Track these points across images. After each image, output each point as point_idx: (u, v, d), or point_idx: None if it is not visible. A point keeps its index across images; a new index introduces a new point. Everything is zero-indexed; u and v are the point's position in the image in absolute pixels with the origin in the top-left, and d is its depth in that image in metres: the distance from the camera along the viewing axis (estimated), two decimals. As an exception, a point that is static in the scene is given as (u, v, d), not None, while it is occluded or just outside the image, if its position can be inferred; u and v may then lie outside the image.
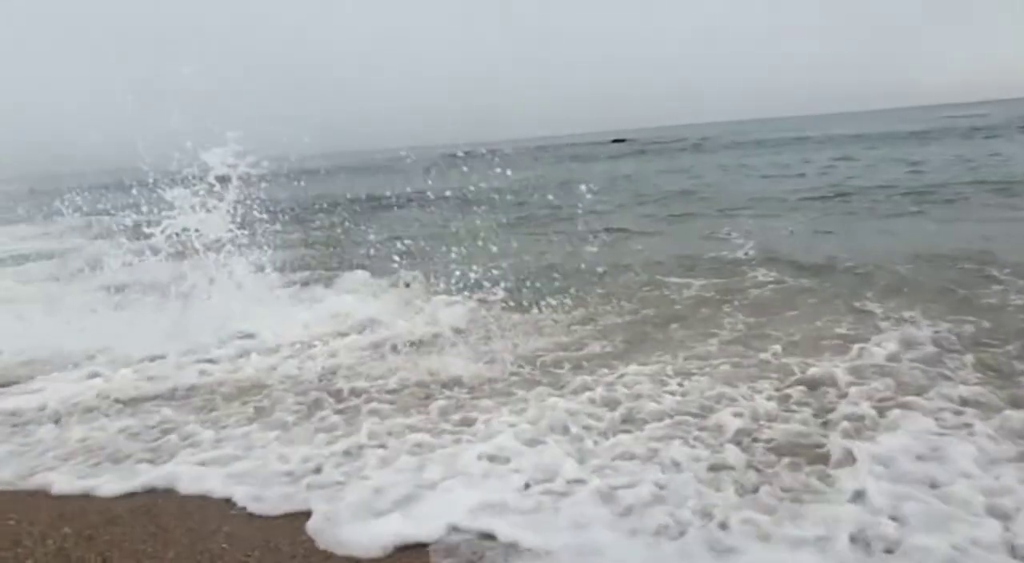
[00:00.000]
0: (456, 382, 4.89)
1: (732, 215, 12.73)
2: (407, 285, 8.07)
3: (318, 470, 3.69)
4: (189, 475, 3.71)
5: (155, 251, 11.13)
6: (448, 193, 23.22)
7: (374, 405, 4.57)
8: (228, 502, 3.45)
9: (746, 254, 8.88)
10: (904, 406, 3.95)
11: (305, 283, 8.70)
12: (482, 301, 7.05)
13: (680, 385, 4.51)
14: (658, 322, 6.09)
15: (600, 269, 8.39)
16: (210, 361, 5.76)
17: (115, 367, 5.68)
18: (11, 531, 3.25)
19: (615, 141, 65.68)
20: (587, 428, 3.98)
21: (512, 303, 6.93)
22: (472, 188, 26.11)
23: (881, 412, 3.90)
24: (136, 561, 2.96)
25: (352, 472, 3.64)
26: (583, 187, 21.90)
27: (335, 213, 19.29)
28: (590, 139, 79.09)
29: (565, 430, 3.96)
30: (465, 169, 11.54)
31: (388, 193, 25.27)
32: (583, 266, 8.68)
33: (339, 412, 4.54)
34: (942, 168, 18.37)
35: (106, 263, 10.77)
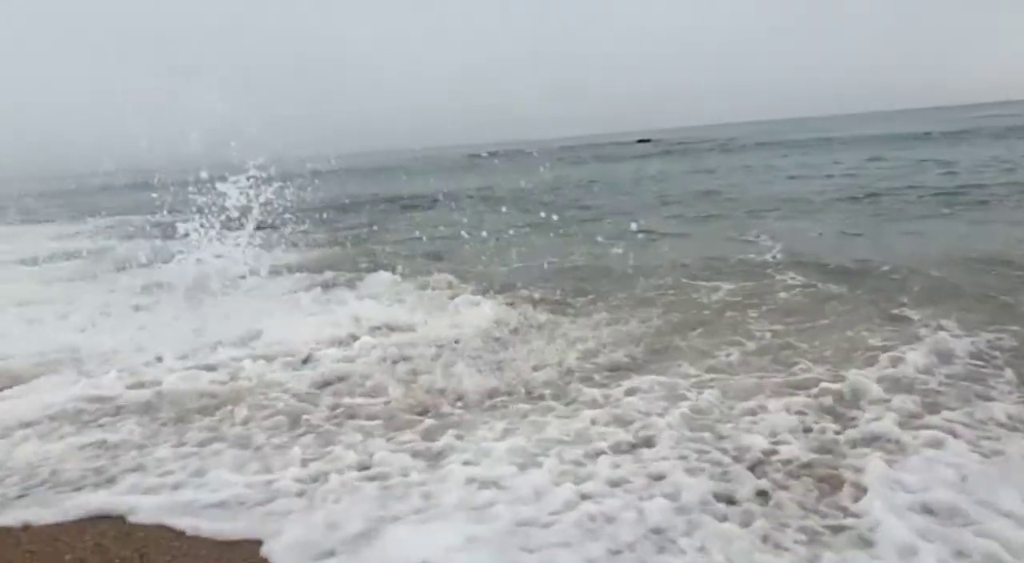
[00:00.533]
0: (459, 396, 4.63)
1: (759, 217, 12.55)
2: (432, 289, 7.93)
3: (276, 497, 3.38)
4: (140, 501, 3.40)
5: (181, 252, 11.27)
6: (472, 193, 23.35)
7: (359, 422, 4.28)
8: (179, 531, 3.20)
9: (774, 257, 8.71)
10: (936, 427, 3.67)
11: (329, 285, 8.59)
12: (506, 304, 6.96)
13: (696, 400, 4.24)
14: (681, 328, 5.90)
15: (626, 271, 8.30)
16: (206, 367, 5.47)
17: (104, 371, 5.42)
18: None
19: (640, 141, 65.35)
20: (588, 452, 3.63)
21: (535, 306, 6.85)
22: (496, 188, 26.34)
23: (910, 433, 3.63)
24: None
25: (312, 501, 3.32)
26: (608, 188, 21.89)
27: (360, 213, 19.41)
28: (615, 139, 78.74)
29: (561, 454, 3.61)
30: (489, 169, 11.49)
31: (412, 193, 25.43)
32: (609, 268, 8.60)
33: (317, 431, 4.19)
34: (975, 169, 17.98)
35: (132, 264, 10.90)
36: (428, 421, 4.26)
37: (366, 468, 3.65)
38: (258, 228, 16.63)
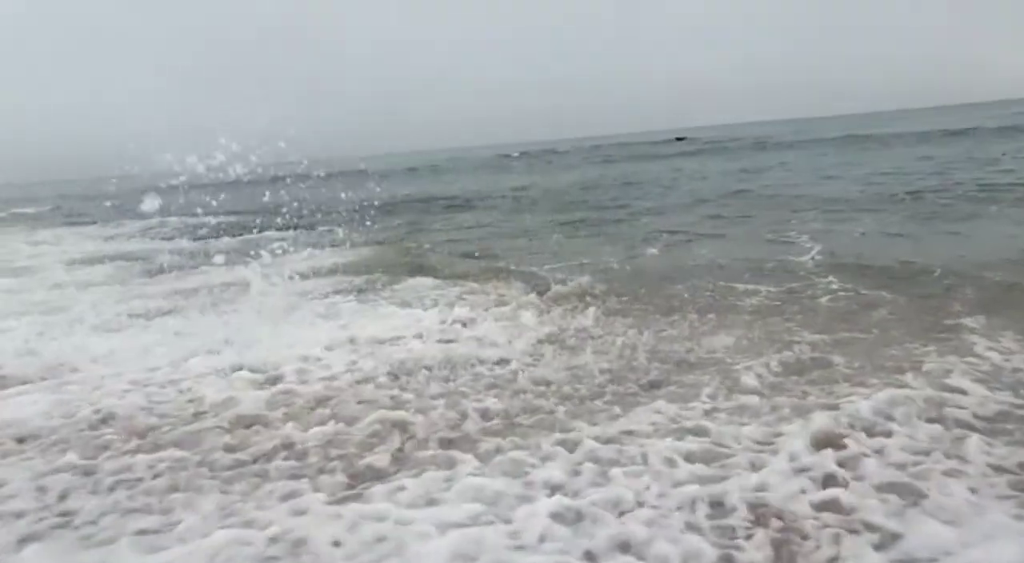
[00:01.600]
0: (449, 424, 4.09)
1: (798, 216, 12.23)
2: (463, 296, 7.71)
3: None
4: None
5: (219, 253, 11.38)
6: (505, 194, 23.30)
7: (331, 464, 3.60)
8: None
9: (813, 259, 8.45)
10: (992, 484, 3.01)
11: (361, 289, 8.49)
12: (537, 310, 6.80)
13: (710, 431, 3.74)
14: (712, 337, 5.56)
15: (662, 273, 8.15)
16: (177, 384, 5.03)
17: (74, 383, 5.14)
18: None
19: (677, 139, 64.75)
20: (570, 508, 3.01)
21: (564, 312, 6.66)
22: (529, 188, 26.35)
23: (952, 486, 3.00)
24: None
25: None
26: (643, 187, 21.65)
27: (396, 214, 19.46)
28: (651, 138, 78.10)
29: (533, 506, 3.03)
30: (520, 169, 11.45)
31: (445, 194, 25.49)
32: (644, 270, 8.45)
33: (266, 476, 3.48)
34: (1025, 165, 17.41)
35: (165, 268, 11.05)
36: (401, 458, 3.66)
37: (309, 530, 2.94)
38: (292, 228, 16.85)
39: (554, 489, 3.19)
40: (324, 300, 7.87)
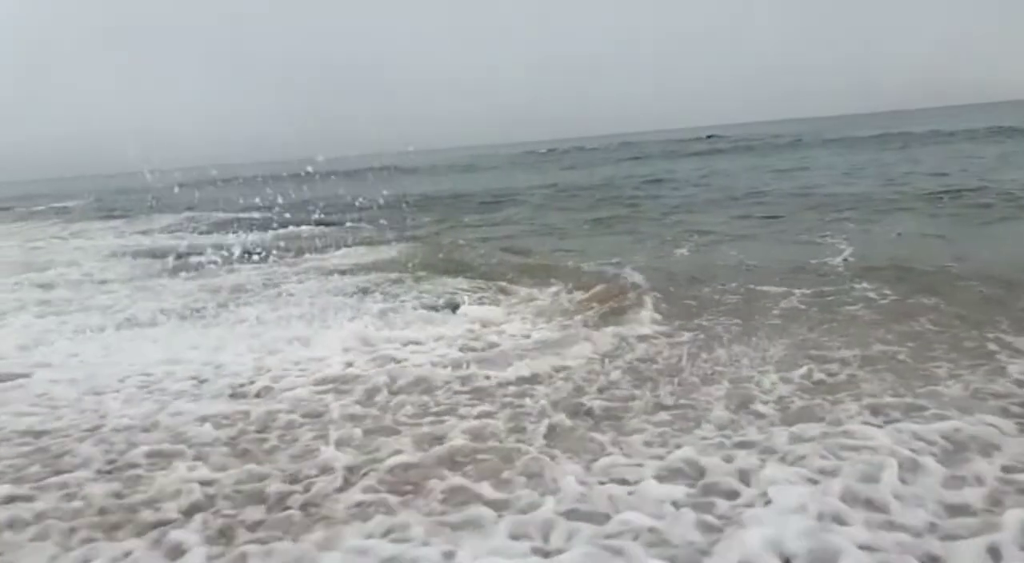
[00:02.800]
0: (441, 459, 3.57)
1: (831, 217, 11.95)
2: (474, 302, 7.35)
3: None
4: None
5: (246, 255, 11.45)
6: (534, 191, 23.21)
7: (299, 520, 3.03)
8: None
9: (846, 261, 8.20)
10: None
11: (391, 288, 8.33)
12: (565, 313, 6.67)
13: (715, 469, 3.28)
14: (734, 347, 5.28)
15: (690, 274, 8.01)
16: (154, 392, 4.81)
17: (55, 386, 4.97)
18: None
19: (708, 137, 64.07)
20: None
21: (591, 316, 6.51)
22: (559, 185, 26.25)
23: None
24: None
25: None
26: (673, 185, 21.41)
27: (429, 211, 19.48)
28: (681, 135, 77.41)
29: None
30: (549, 167, 11.37)
31: (475, 190, 25.44)
32: (672, 271, 8.30)
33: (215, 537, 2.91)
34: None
35: (189, 266, 11.10)
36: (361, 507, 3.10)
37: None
38: (322, 224, 16.95)
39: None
40: (351, 299, 7.80)
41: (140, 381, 5.09)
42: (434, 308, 7.19)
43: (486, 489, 3.21)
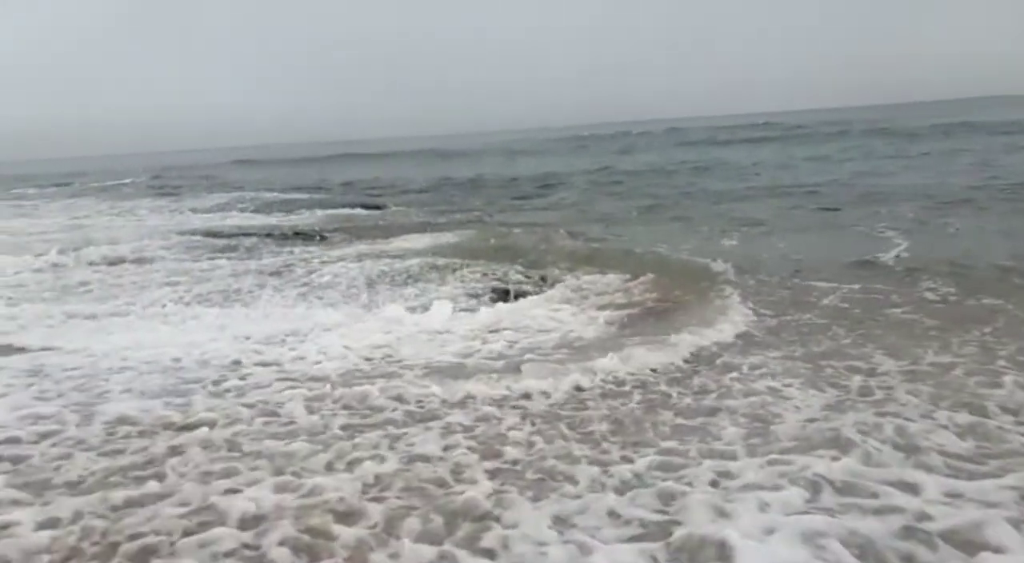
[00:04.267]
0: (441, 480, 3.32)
1: (884, 210, 11.62)
2: (514, 295, 7.19)
3: None
4: None
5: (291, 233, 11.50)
6: (580, 177, 23.03)
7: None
8: None
9: (898, 257, 7.95)
10: None
11: (436, 274, 8.29)
12: (599, 307, 6.47)
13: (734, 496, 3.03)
14: (779, 346, 5.06)
15: (737, 265, 7.84)
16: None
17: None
18: None
19: (757, 124, 62.84)
20: None
21: (627, 309, 6.35)
22: (605, 171, 25.99)
23: None
24: None
25: None
26: (721, 173, 21.03)
27: (475, 194, 19.45)
28: (730, 122, 76.01)
29: None
30: (593, 151, 11.24)
31: (521, 175, 25.32)
32: (717, 262, 8.16)
33: None
34: None
35: (230, 246, 11.22)
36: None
37: None
38: (367, 207, 17.09)
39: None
40: (392, 285, 7.78)
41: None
42: (479, 296, 7.13)
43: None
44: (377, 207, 17.01)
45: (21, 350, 5.68)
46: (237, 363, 5.15)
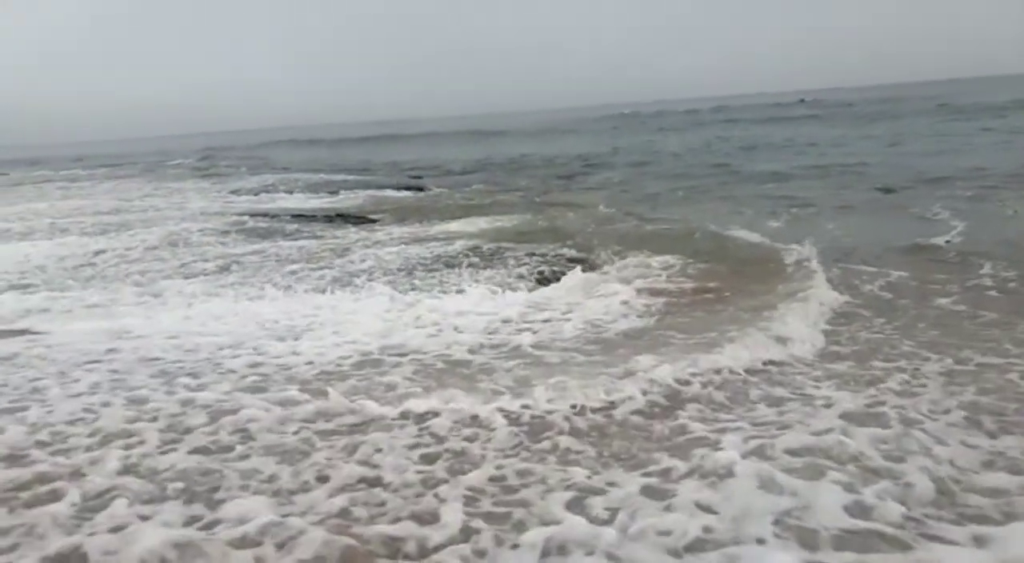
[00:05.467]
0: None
1: (935, 191, 11.30)
2: (551, 278, 7.04)
3: None
4: None
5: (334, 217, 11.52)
6: (622, 156, 22.87)
7: None
8: None
9: (950, 241, 7.67)
10: None
11: (485, 259, 8.09)
12: (643, 291, 6.27)
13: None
14: (802, 346, 4.69)
15: (782, 249, 7.71)
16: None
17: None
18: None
19: (800, 101, 61.48)
20: None
21: (673, 297, 6.13)
22: (646, 150, 25.72)
23: None
24: None
25: None
26: (766, 152, 20.68)
27: (518, 175, 19.39)
28: (771, 99, 74.41)
29: None
30: (634, 131, 11.03)
31: (564, 154, 25.24)
32: (764, 246, 8.06)
33: None
34: None
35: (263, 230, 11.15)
36: None
37: None
38: (411, 188, 17.23)
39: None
40: (434, 271, 7.64)
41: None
42: (516, 282, 7.00)
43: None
44: (420, 188, 17.12)
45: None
46: (222, 350, 5.05)
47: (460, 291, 6.56)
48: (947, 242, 7.69)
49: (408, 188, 17.19)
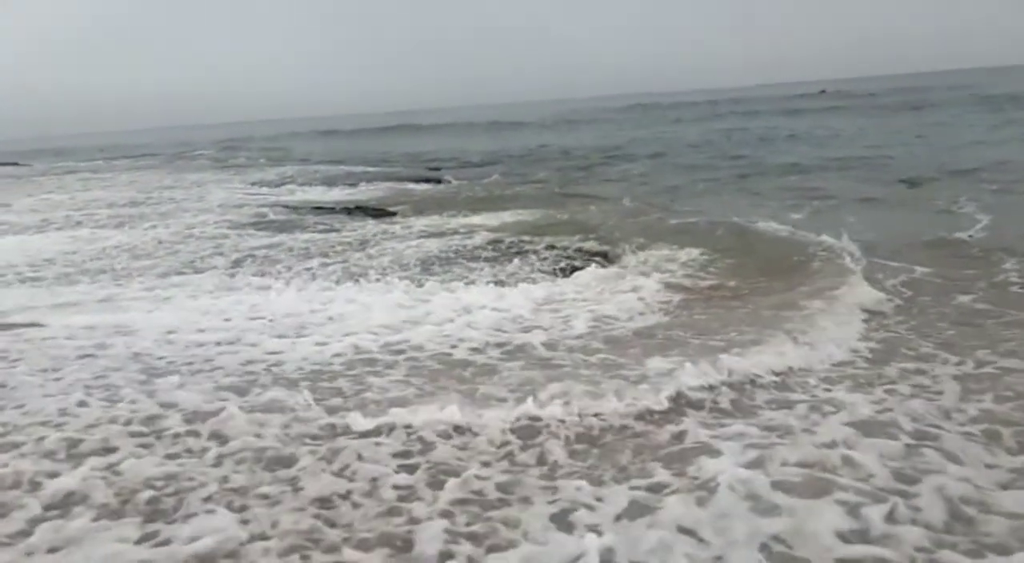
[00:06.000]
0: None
1: (960, 185, 11.08)
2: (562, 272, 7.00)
3: None
4: None
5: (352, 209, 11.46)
6: (640, 148, 22.72)
7: None
8: None
9: (972, 236, 7.51)
10: None
11: (511, 253, 8.04)
12: (664, 286, 6.18)
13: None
14: (813, 351, 4.47)
15: (802, 242, 7.64)
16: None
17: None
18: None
19: (821, 92, 60.77)
20: None
21: (687, 291, 6.07)
22: (663, 142, 25.46)
23: None
24: None
25: None
26: (788, 144, 20.47)
27: (537, 166, 19.31)
28: (791, 90, 73.58)
29: None
30: (656, 121, 10.89)
31: (582, 145, 25.15)
32: (785, 240, 7.98)
33: None
34: None
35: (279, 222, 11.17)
36: None
37: None
38: (430, 181, 17.22)
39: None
40: (451, 264, 7.61)
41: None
42: (546, 273, 7.00)
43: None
44: (439, 181, 17.12)
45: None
46: (206, 345, 5.00)
47: (471, 283, 6.55)
48: (970, 237, 7.53)
49: (427, 180, 17.18)
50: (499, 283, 6.58)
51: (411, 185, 16.42)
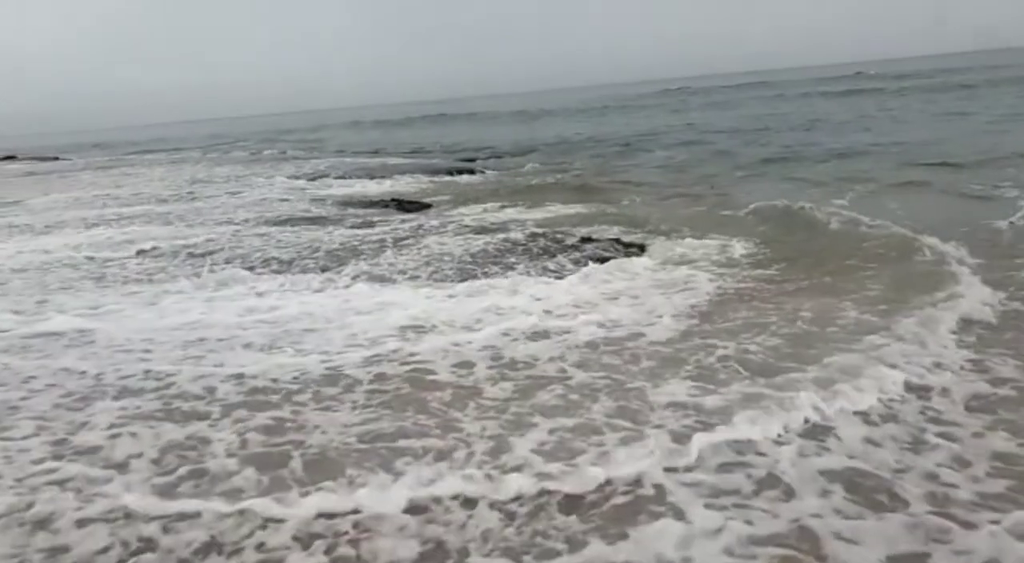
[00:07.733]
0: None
1: (1005, 168, 10.96)
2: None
3: None
4: None
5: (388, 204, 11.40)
6: (675, 134, 22.58)
7: None
8: None
9: (1012, 223, 7.36)
10: None
11: (547, 250, 7.84)
12: (716, 275, 6.15)
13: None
14: (832, 346, 4.30)
15: (845, 230, 7.61)
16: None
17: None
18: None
19: (857, 74, 59.71)
20: None
21: (732, 278, 6.04)
22: (698, 128, 25.22)
23: None
24: None
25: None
26: (826, 128, 20.22)
27: (571, 154, 19.30)
28: (826, 72, 72.25)
29: None
30: (685, 106, 10.78)
31: (617, 134, 25.07)
32: (827, 226, 7.99)
33: None
34: None
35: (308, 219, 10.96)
36: None
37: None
38: (465, 172, 17.27)
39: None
40: (487, 262, 7.38)
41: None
42: (574, 270, 6.77)
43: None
44: (472, 172, 17.23)
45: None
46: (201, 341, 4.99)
47: (491, 279, 6.45)
48: (1011, 223, 7.36)
49: (460, 172, 17.23)
50: (523, 283, 6.31)
51: (446, 177, 16.46)
